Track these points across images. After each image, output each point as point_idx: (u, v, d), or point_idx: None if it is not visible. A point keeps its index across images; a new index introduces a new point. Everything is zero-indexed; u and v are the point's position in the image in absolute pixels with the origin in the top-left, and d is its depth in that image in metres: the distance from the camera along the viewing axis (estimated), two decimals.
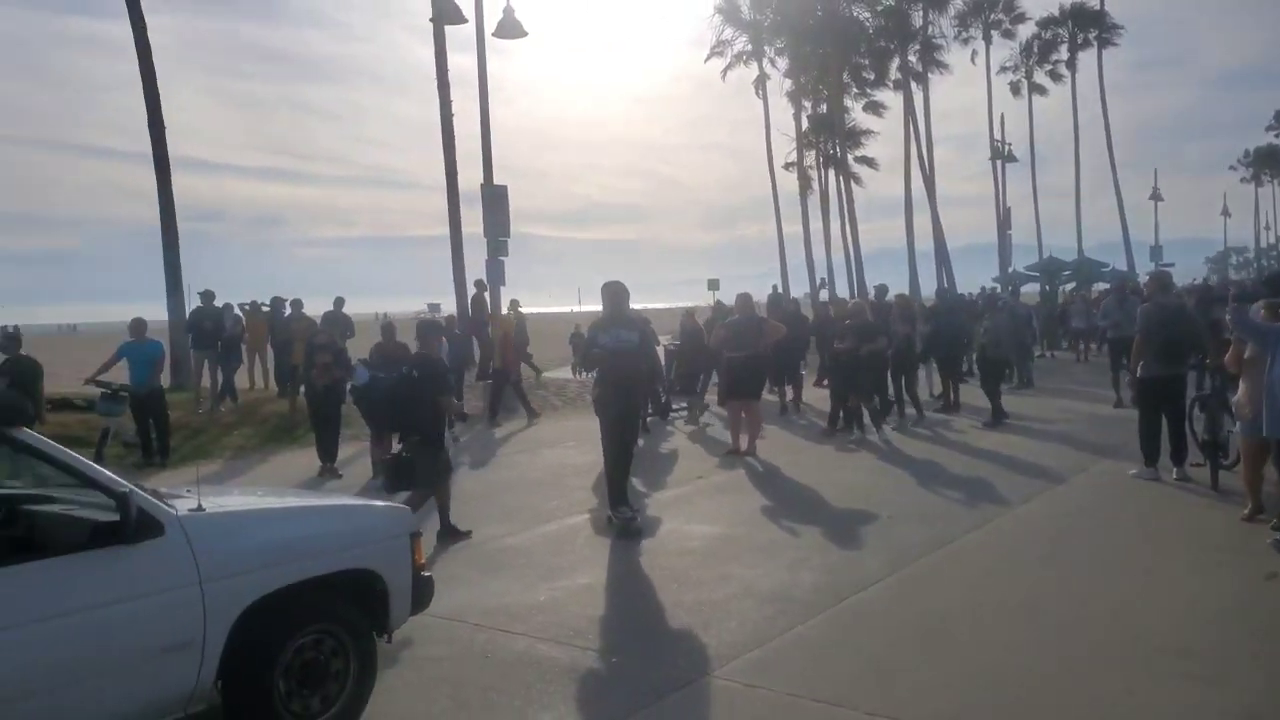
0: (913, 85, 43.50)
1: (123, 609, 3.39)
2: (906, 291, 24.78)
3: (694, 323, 14.64)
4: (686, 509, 8.12)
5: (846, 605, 5.45)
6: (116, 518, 3.40)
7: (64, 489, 4.01)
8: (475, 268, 18.76)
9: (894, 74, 43.22)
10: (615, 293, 7.50)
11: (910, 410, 12.93)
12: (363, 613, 4.15)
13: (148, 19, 18.18)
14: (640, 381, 7.99)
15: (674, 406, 14.01)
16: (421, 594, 4.44)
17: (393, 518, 4.50)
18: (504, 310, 16.29)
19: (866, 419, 11.68)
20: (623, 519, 7.28)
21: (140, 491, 3.57)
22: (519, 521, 7.71)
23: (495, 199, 15.48)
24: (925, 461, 10.03)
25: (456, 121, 20.46)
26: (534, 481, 9.29)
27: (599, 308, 11.65)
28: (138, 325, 11.99)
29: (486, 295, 16.41)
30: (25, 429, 3.48)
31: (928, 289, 33.86)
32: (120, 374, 11.47)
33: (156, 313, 14.53)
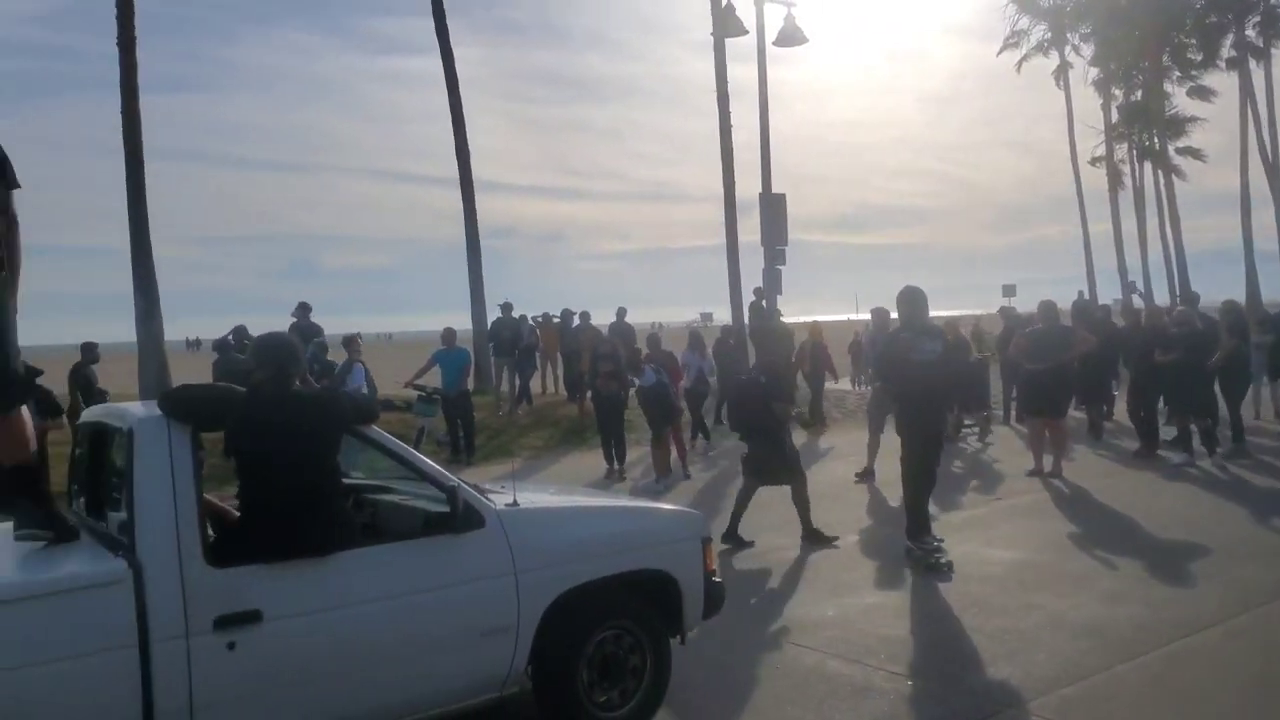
0: (1250, 63, 38.45)
1: (451, 592, 3.77)
2: (1243, 297, 21.88)
3: (958, 334, 13.83)
4: (983, 531, 7.70)
5: (1174, 649, 4.92)
6: (446, 509, 3.80)
7: (397, 480, 4.55)
8: (750, 276, 18.98)
9: (1227, 51, 38.42)
10: (914, 299, 6.87)
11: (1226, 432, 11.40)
12: (658, 613, 4.32)
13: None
14: (945, 397, 7.53)
15: (965, 423, 13.33)
16: (713, 599, 4.54)
17: (685, 522, 4.65)
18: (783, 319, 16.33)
19: (1196, 441, 10.45)
20: (925, 550, 6.69)
21: (465, 486, 3.95)
22: (798, 534, 7.67)
23: (773, 207, 15.54)
24: (1268, 492, 8.82)
25: (733, 132, 20.86)
26: (817, 495, 9.21)
27: (880, 316, 11.48)
28: (448, 335, 13.30)
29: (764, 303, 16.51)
30: (374, 426, 3.97)
31: (1270, 293, 29.73)
32: (433, 378, 12.77)
33: (460, 322, 16.00)
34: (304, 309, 13.75)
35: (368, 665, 3.57)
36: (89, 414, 4.28)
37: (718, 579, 4.62)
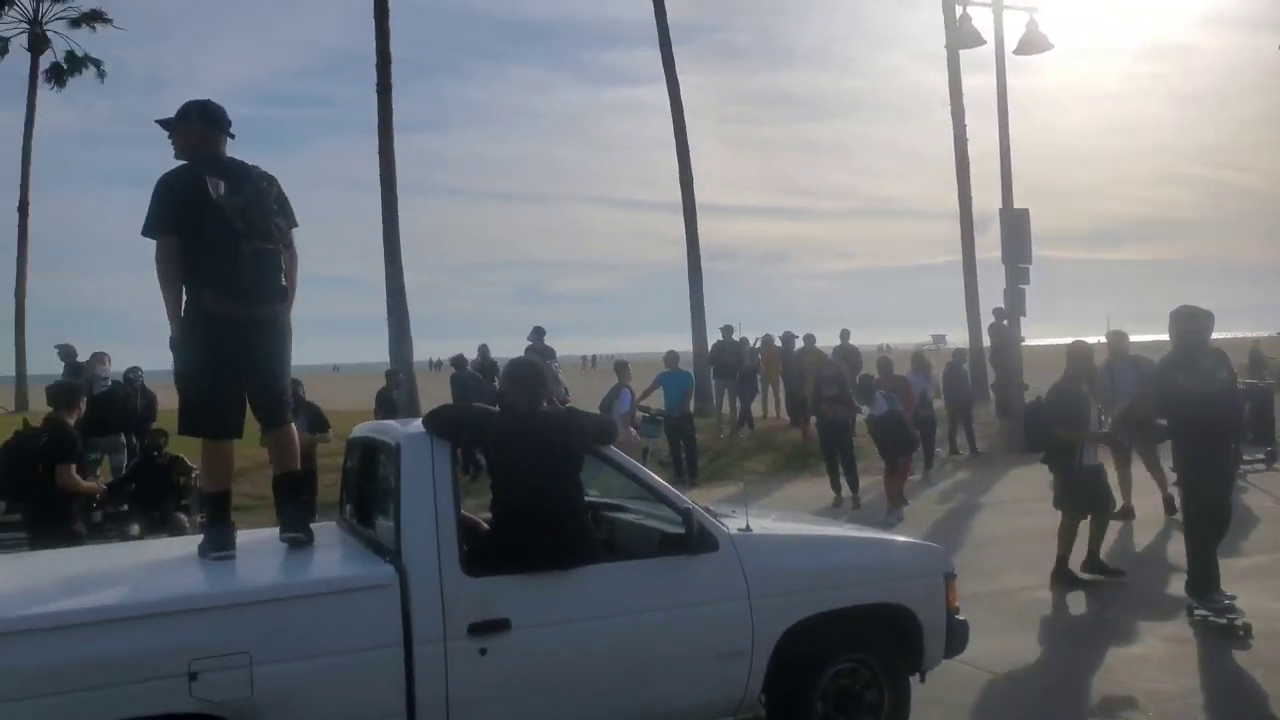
0: None
1: (686, 613, 3.83)
2: None
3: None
4: (1272, 581, 6.88)
5: None
6: (681, 530, 3.87)
7: (630, 500, 4.68)
8: (988, 295, 18.06)
9: None
10: (1193, 319, 6.05)
11: None
12: (897, 649, 4.19)
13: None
14: (1233, 431, 6.56)
15: (1245, 458, 11.98)
16: (956, 637, 4.35)
17: (927, 556, 4.49)
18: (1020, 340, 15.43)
19: None
20: (1216, 609, 5.82)
21: (699, 509, 4.01)
22: (1047, 572, 7.17)
23: (1015, 224, 14.74)
24: None
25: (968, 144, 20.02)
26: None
27: (1118, 340, 10.44)
28: (671, 357, 13.56)
29: (1005, 323, 15.68)
30: (613, 447, 4.11)
31: None
32: (655, 400, 13.04)
33: (681, 344, 16.29)
34: (538, 333, 14.49)
35: (608, 678, 3.69)
36: (359, 429, 4.71)
37: (961, 617, 4.42)
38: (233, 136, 4.03)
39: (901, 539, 4.84)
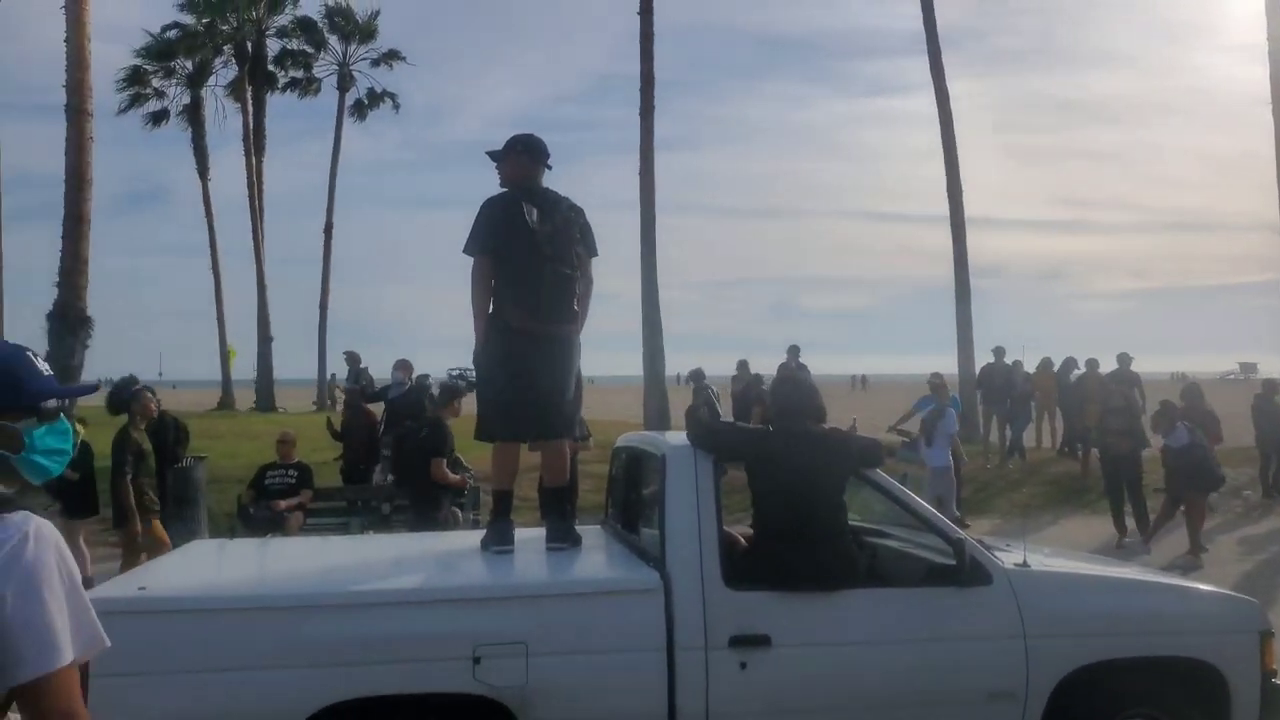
0: None
1: (954, 647, 3.69)
2: None
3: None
4: None
5: None
6: (951, 562, 3.74)
7: (893, 526, 4.57)
8: None
9: None
10: None
11: None
12: (1198, 710, 3.81)
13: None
14: None
15: None
16: (1272, 703, 3.89)
17: (1238, 609, 4.06)
18: None
19: None
20: None
21: (972, 541, 3.86)
22: None
23: None
24: None
25: None
26: None
27: None
28: (936, 380, 13.05)
29: None
30: (879, 470, 4.05)
31: None
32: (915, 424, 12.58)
33: (945, 366, 15.62)
34: (794, 351, 14.48)
35: (867, 706, 3.63)
36: (624, 440, 4.94)
37: (1279, 680, 3.94)
38: (549, 168, 4.40)
39: (1206, 587, 4.40)
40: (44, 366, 1.85)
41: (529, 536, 4.38)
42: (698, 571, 3.59)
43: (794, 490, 3.74)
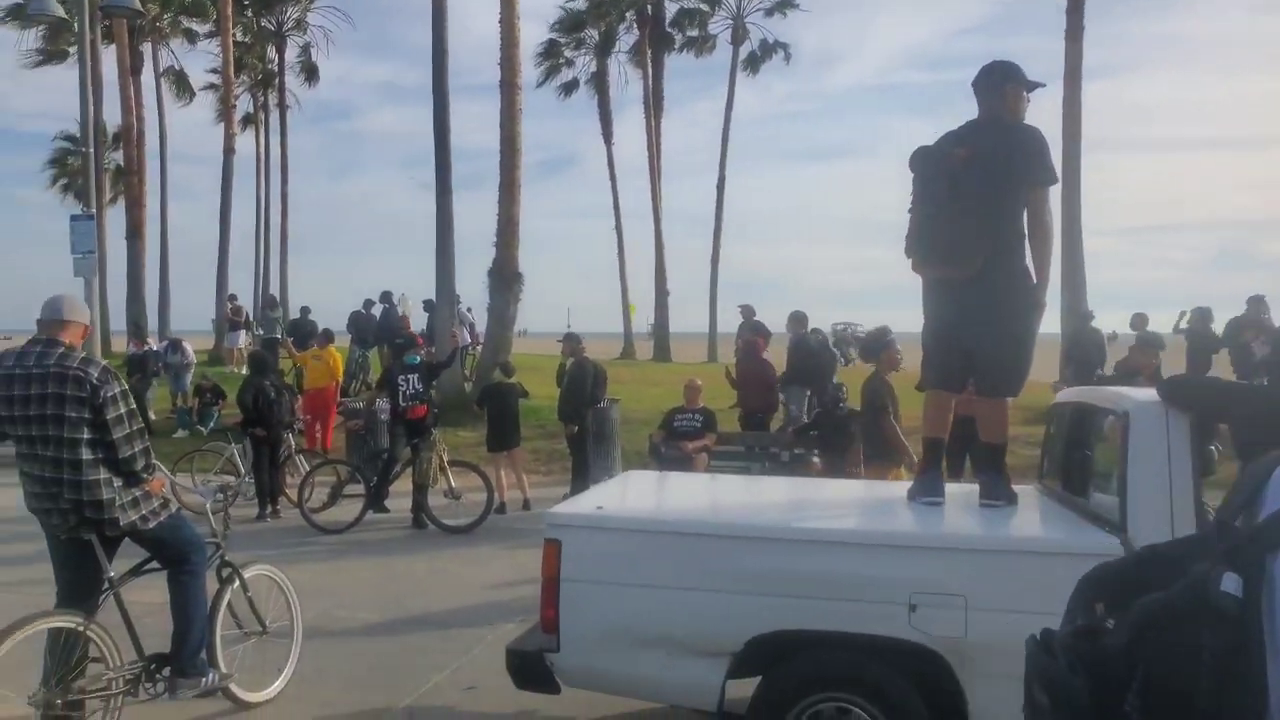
0: None
1: None
2: None
3: None
4: None
5: None
6: None
7: None
8: None
9: None
10: None
11: None
12: None
13: None
14: None
15: None
16: None
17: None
18: None
19: None
20: None
21: None
22: None
23: None
24: None
25: None
26: None
27: None
28: None
29: None
30: None
31: None
32: None
33: None
34: (1259, 303, 12.76)
35: None
36: (1066, 395, 4.64)
37: None
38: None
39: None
40: None
41: (955, 491, 4.31)
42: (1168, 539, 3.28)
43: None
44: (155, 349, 16.35)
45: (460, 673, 5.26)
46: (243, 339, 21.92)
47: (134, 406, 4.07)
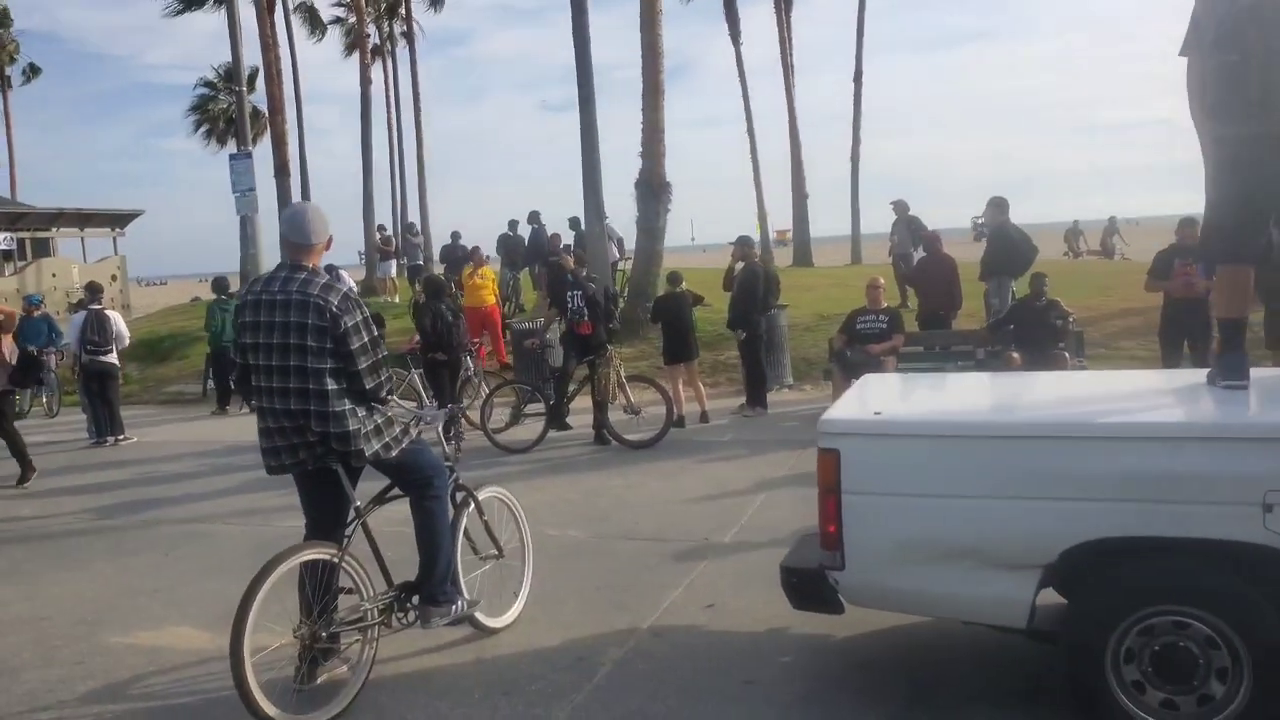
0: None
1: None
2: None
3: None
4: None
5: None
6: None
7: None
8: None
9: None
10: None
11: None
12: None
13: None
14: None
15: None
16: None
17: None
18: None
19: None
20: None
21: None
22: None
23: None
24: None
25: None
26: None
27: None
28: None
29: None
30: None
31: None
32: None
33: None
34: None
35: None
36: None
37: None
38: None
39: None
40: None
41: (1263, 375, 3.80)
42: None
43: None
44: None
45: (694, 590, 5.05)
46: (393, 268, 22.31)
47: (376, 334, 3.90)
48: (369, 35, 26.15)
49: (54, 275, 27.24)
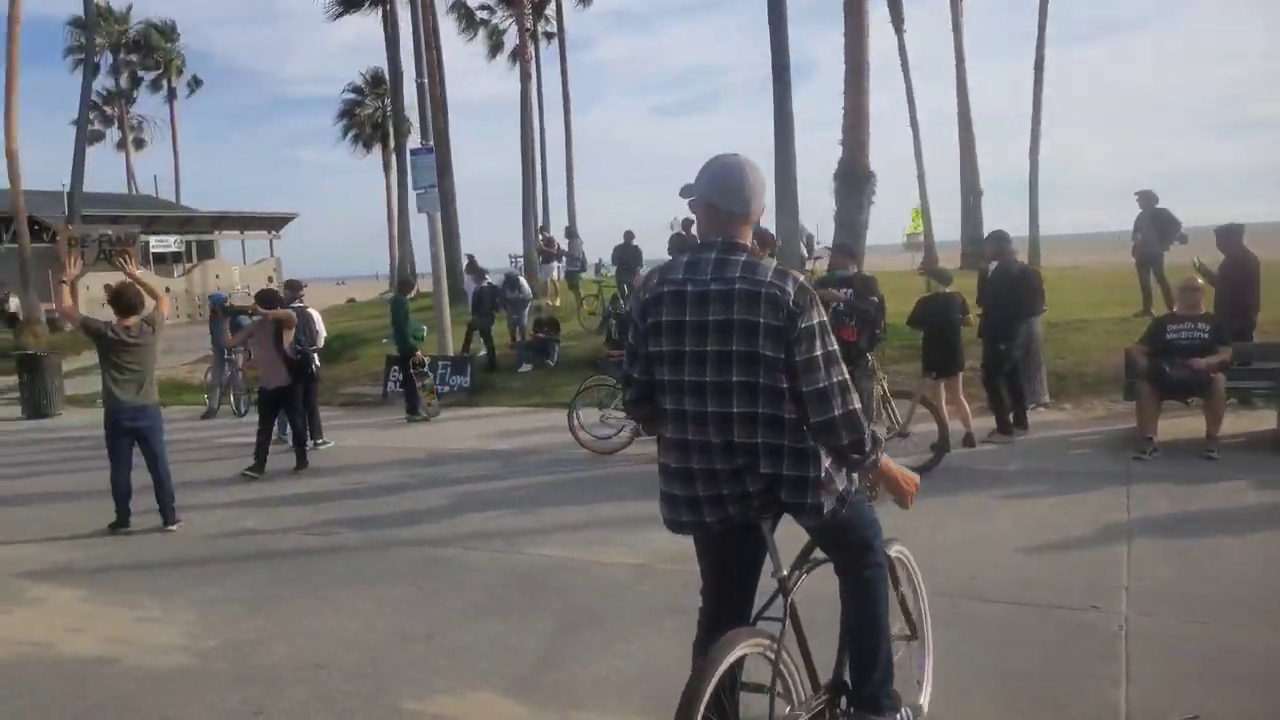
0: None
1: None
2: None
3: None
4: None
5: None
6: None
7: None
8: None
9: None
10: None
11: None
12: None
13: None
14: None
15: None
16: None
17: None
18: None
19: None
20: None
21: None
22: None
23: None
24: None
25: None
26: None
27: None
28: None
29: None
30: None
31: None
32: None
33: None
34: None
35: None
36: None
37: None
38: None
39: None
40: None
41: None
42: None
43: None
44: (495, 284, 15.99)
45: (1146, 688, 3.79)
46: (555, 270, 21.58)
47: (835, 347, 2.72)
48: (529, 29, 25.58)
49: (217, 276, 27.69)
